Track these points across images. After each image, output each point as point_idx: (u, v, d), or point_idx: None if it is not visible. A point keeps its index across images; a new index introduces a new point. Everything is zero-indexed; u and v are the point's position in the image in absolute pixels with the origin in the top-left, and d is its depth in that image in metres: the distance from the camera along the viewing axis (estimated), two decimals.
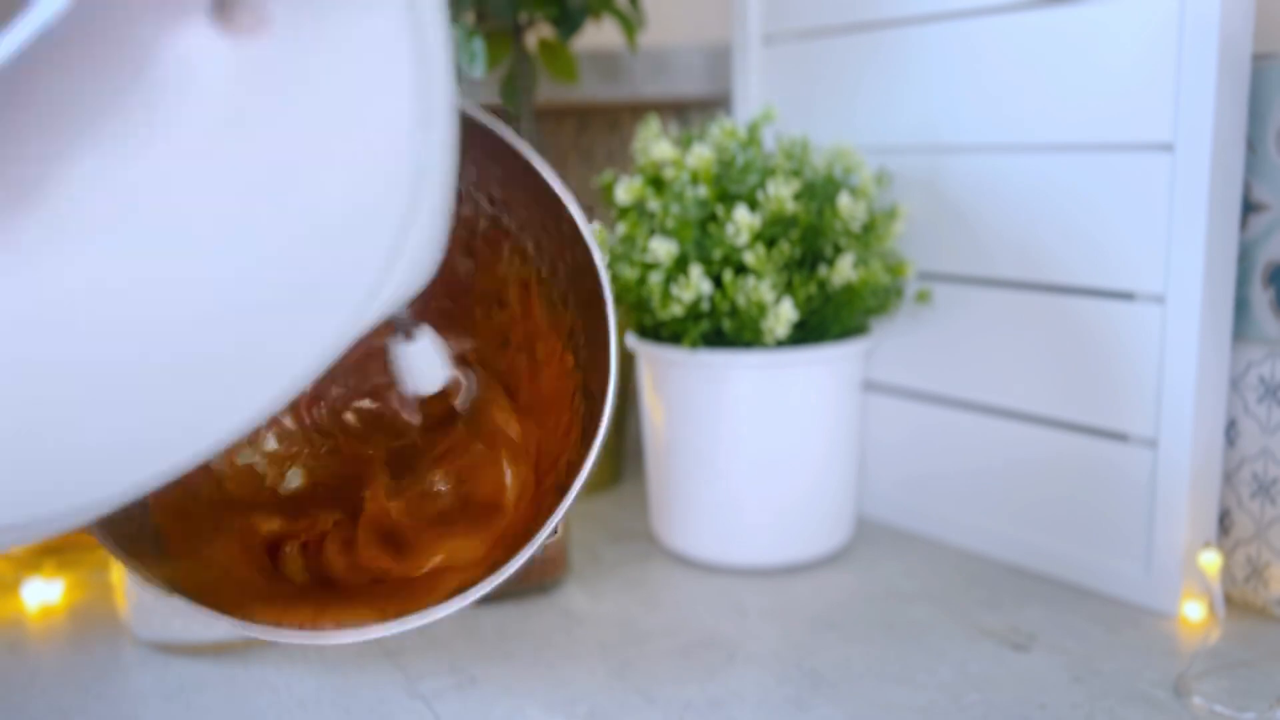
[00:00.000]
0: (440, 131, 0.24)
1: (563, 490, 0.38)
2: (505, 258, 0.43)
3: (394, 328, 0.33)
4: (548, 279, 0.43)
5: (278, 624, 0.36)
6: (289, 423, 0.44)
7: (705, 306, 0.63)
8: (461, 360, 0.43)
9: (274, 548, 0.42)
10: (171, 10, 0.20)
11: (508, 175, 0.40)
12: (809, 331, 0.66)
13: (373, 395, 0.45)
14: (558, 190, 0.38)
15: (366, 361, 0.44)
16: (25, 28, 0.18)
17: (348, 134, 0.22)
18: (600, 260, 0.38)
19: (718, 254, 0.63)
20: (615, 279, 0.67)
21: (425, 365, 0.34)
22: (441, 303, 0.43)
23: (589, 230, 0.38)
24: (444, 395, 0.43)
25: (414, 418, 0.43)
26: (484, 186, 0.42)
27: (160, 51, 0.20)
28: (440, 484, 0.43)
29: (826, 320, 0.66)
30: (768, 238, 0.63)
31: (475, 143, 0.38)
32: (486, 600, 0.63)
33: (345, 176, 0.23)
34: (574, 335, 0.42)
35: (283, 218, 0.22)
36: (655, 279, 0.63)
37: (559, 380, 0.43)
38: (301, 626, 0.37)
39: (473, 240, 0.43)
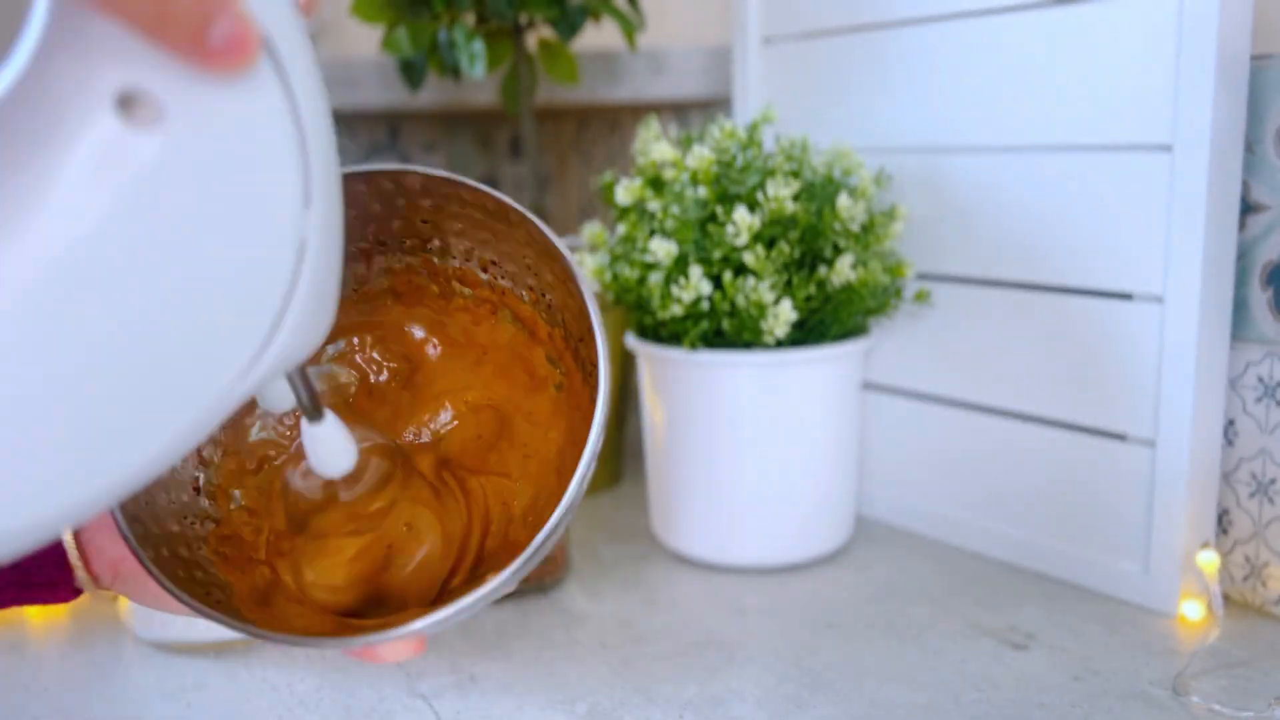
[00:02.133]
0: (321, 207, 0.26)
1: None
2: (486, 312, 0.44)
3: (300, 412, 0.33)
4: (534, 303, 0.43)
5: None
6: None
7: (705, 307, 0.63)
8: (379, 448, 0.43)
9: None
10: (85, 105, 0.23)
11: (476, 224, 0.41)
12: (809, 332, 0.66)
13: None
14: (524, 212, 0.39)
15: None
16: None
17: (234, 213, 0.25)
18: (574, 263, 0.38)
19: (718, 254, 0.63)
20: (615, 279, 0.67)
21: (332, 449, 0.34)
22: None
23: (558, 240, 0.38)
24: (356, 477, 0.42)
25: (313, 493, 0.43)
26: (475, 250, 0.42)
27: (73, 140, 0.23)
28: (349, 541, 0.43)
29: (826, 320, 0.66)
30: (767, 238, 0.63)
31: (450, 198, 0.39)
32: None
33: (230, 252, 0.25)
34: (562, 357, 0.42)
35: (176, 283, 0.25)
36: (655, 279, 0.64)
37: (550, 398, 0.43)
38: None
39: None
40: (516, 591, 0.63)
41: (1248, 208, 0.58)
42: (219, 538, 0.41)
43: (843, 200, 0.64)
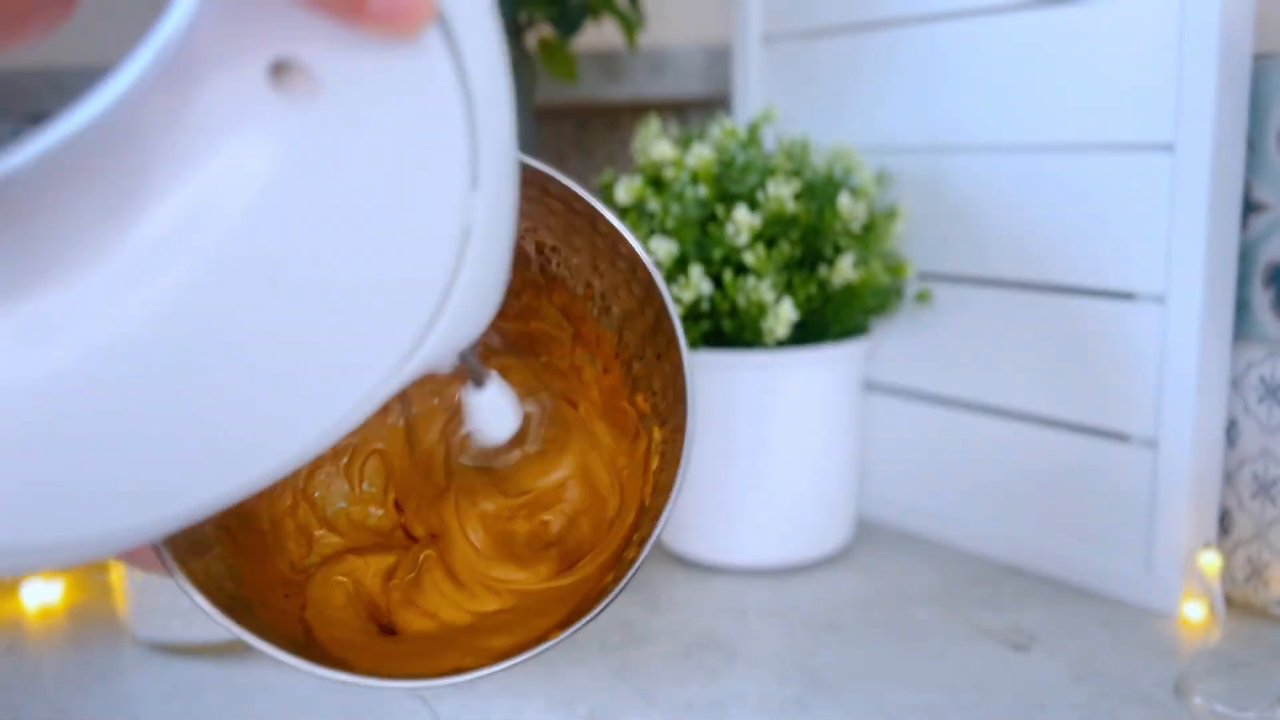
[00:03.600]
0: (490, 190, 0.24)
1: (640, 541, 0.37)
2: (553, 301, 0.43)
3: (463, 377, 0.32)
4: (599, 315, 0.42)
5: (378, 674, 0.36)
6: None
7: (705, 306, 0.63)
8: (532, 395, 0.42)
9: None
10: (238, 77, 0.21)
11: (553, 215, 0.40)
12: (809, 331, 0.66)
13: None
14: (613, 221, 0.37)
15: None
16: (120, 80, 0.20)
17: (393, 194, 0.23)
18: (663, 287, 0.37)
19: (718, 254, 0.63)
20: None
21: (497, 413, 0.34)
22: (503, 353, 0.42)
23: (649, 260, 0.37)
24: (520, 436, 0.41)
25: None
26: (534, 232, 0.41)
27: (222, 110, 0.21)
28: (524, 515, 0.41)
29: (827, 320, 0.66)
30: (768, 238, 0.63)
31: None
32: None
33: (388, 238, 0.23)
34: (634, 370, 0.41)
35: (330, 274, 0.23)
36: None
37: (622, 416, 0.42)
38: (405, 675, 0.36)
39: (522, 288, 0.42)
40: None
41: (1250, 207, 0.58)
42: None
43: (843, 200, 0.63)
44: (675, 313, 0.37)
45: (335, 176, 0.22)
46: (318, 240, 0.23)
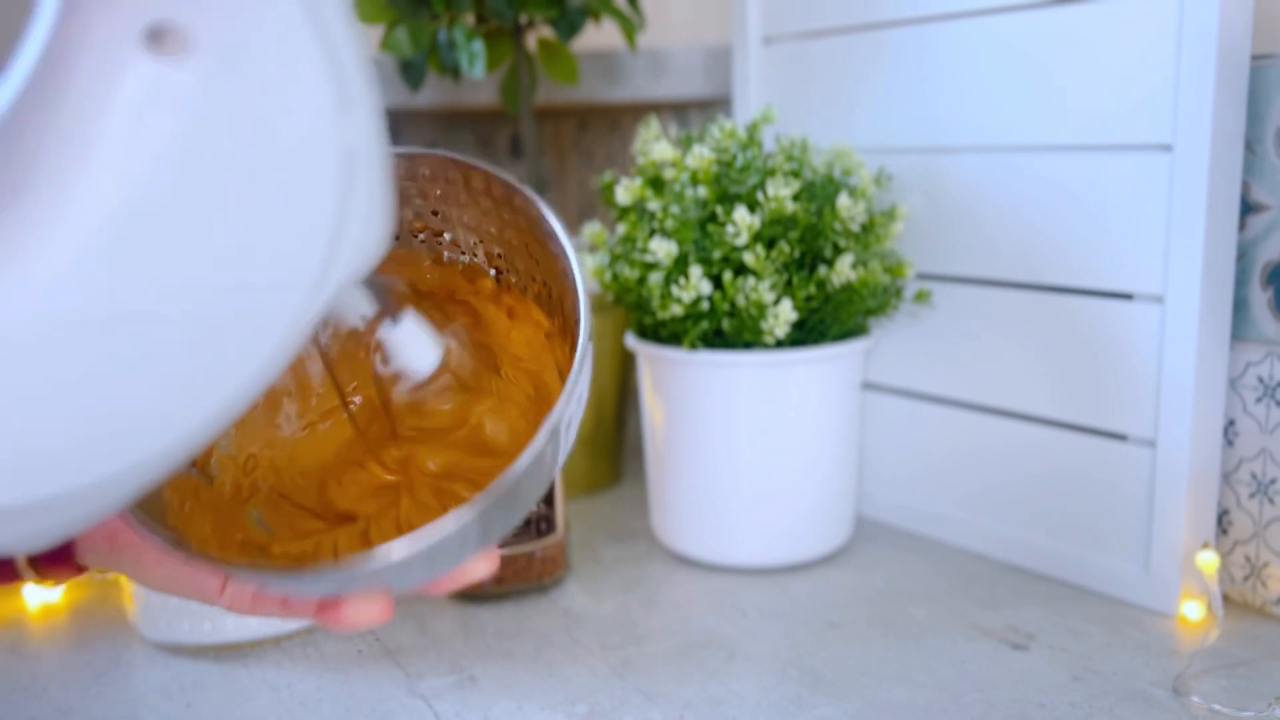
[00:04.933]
0: (362, 114, 0.27)
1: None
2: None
3: (378, 317, 0.34)
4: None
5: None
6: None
7: (705, 306, 0.63)
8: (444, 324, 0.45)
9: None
10: (117, 49, 0.23)
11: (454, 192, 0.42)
12: (809, 332, 0.66)
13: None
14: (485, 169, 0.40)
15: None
16: (17, 76, 0.22)
17: (277, 129, 0.25)
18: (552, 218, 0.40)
19: (718, 254, 0.63)
20: (615, 279, 0.67)
21: (417, 345, 0.36)
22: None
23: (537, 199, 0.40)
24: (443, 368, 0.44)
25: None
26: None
27: (114, 87, 0.23)
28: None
29: (826, 320, 0.66)
30: (767, 238, 0.63)
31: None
32: (486, 600, 0.63)
33: (280, 170, 0.25)
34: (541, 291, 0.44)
35: (235, 208, 0.25)
36: (655, 279, 0.64)
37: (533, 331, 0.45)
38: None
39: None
40: (517, 591, 0.63)
41: (1248, 207, 0.58)
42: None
43: (843, 200, 0.64)
44: (549, 212, 0.40)
45: (223, 125, 0.24)
46: (218, 187, 0.24)
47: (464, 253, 0.44)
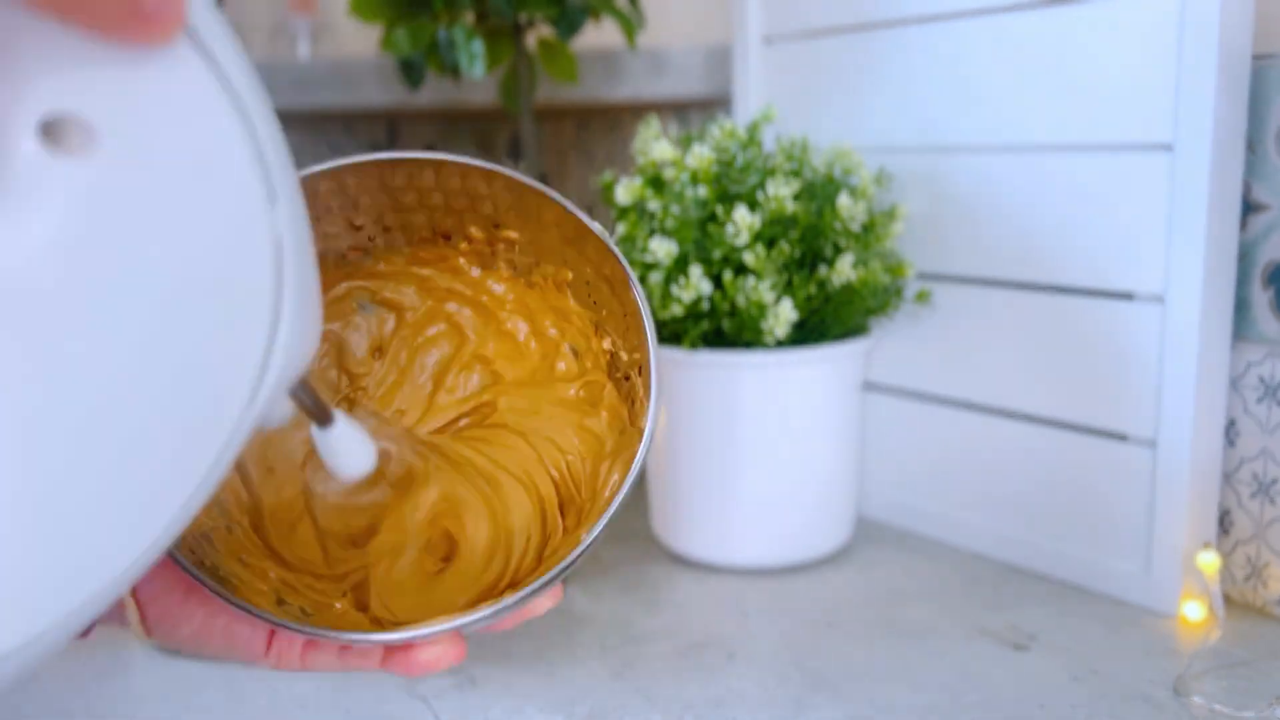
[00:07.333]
0: (287, 203, 0.25)
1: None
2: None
3: (310, 418, 0.32)
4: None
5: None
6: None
7: (705, 306, 0.63)
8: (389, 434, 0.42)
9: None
10: (6, 130, 0.20)
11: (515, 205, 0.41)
12: (809, 331, 0.66)
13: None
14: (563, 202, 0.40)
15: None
16: None
17: (197, 223, 0.23)
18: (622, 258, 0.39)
19: (718, 254, 0.63)
20: None
21: (349, 449, 0.33)
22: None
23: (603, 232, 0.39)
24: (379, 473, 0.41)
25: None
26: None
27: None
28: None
29: (826, 320, 0.66)
30: (768, 238, 0.63)
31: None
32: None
33: (205, 266, 0.23)
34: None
35: (155, 312, 0.23)
36: (655, 279, 0.64)
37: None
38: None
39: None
40: None
41: (1249, 207, 0.58)
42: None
43: (843, 200, 0.63)
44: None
45: (137, 222, 0.22)
46: (133, 288, 0.22)
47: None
